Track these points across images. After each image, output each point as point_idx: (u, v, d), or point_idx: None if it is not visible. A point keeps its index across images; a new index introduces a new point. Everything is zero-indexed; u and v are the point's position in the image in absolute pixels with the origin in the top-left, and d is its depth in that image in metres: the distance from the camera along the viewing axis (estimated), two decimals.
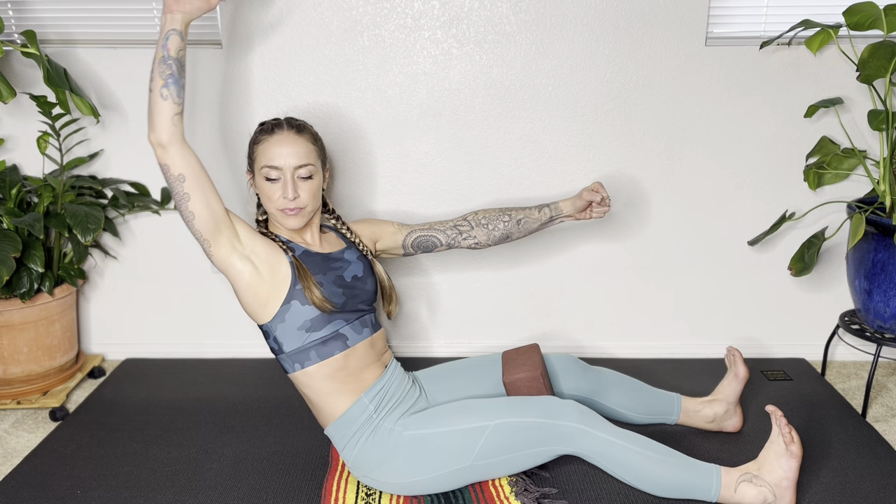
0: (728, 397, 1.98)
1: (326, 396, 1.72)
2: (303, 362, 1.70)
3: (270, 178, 1.70)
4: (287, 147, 1.70)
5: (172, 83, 1.55)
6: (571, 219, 1.95)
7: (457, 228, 1.93)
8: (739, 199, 2.36)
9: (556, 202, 1.94)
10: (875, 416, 2.14)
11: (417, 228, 1.94)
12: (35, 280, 2.11)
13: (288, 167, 1.69)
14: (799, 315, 2.47)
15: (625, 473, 1.64)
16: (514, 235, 1.95)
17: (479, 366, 1.93)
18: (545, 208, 1.94)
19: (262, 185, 1.72)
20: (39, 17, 2.24)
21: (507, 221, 1.93)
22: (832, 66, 2.24)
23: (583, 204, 1.91)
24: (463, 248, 1.96)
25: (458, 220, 1.95)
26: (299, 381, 1.73)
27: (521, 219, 1.93)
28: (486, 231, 1.93)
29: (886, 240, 2.00)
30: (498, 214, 1.93)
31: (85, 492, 1.79)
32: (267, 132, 1.73)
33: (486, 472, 1.69)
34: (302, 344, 1.69)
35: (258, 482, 1.82)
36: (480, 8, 2.19)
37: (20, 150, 2.33)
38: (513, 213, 1.94)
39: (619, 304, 2.46)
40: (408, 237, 1.93)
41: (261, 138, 1.73)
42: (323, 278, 1.70)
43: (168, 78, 1.55)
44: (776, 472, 1.62)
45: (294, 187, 1.70)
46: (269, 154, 1.70)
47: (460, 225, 1.94)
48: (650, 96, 2.26)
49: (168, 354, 2.52)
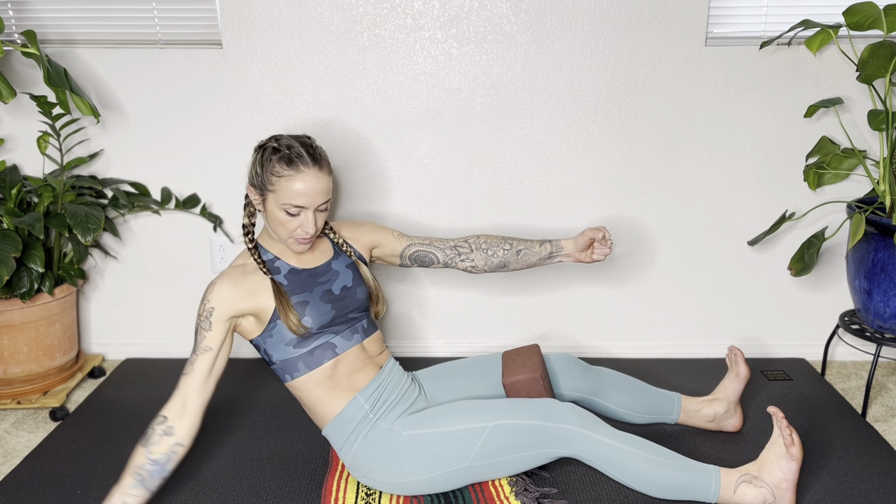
0: (729, 396, 1.98)
1: (320, 401, 1.73)
2: (292, 373, 1.72)
3: (291, 213, 1.65)
4: (312, 186, 1.64)
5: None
6: (571, 259, 1.91)
7: (456, 249, 1.92)
8: (739, 199, 2.36)
9: (558, 240, 1.92)
10: (875, 416, 2.14)
11: (417, 241, 1.92)
12: (35, 280, 2.11)
13: (312, 206, 1.66)
14: (799, 315, 2.47)
15: (624, 476, 1.64)
16: (511, 265, 1.93)
17: (478, 366, 1.93)
18: (547, 243, 1.91)
19: (278, 215, 1.66)
20: (39, 17, 2.24)
21: (508, 250, 1.91)
22: (832, 66, 2.23)
23: (585, 242, 1.87)
24: (459, 269, 1.94)
25: (458, 240, 1.93)
26: (293, 388, 1.76)
27: (521, 249, 1.91)
28: (485, 256, 1.92)
29: (886, 240, 2.00)
30: (499, 242, 1.92)
31: (85, 492, 1.79)
32: (288, 165, 1.63)
33: (484, 472, 1.69)
34: (289, 356, 1.71)
35: (258, 482, 1.83)
36: (480, 8, 2.19)
37: (20, 150, 2.33)
38: (514, 242, 1.92)
39: (619, 304, 2.46)
40: (407, 249, 1.91)
41: (282, 172, 1.63)
42: (310, 296, 1.70)
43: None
44: (776, 473, 1.62)
45: (314, 223, 1.67)
46: (293, 192, 1.63)
47: (460, 246, 1.92)
48: (650, 96, 2.26)
49: (168, 354, 2.52)
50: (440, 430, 1.67)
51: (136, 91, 2.28)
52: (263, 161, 1.66)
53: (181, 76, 2.26)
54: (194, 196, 2.35)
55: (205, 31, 2.25)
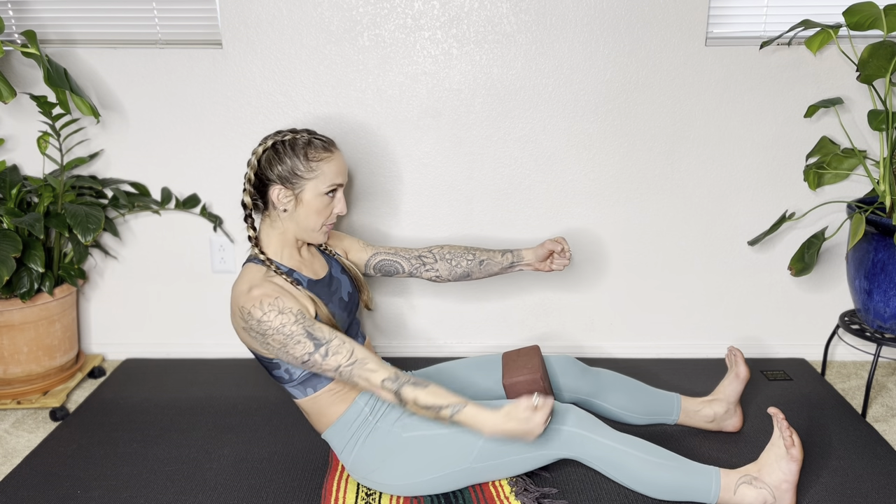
0: (728, 397, 1.98)
1: (327, 407, 1.71)
2: (315, 386, 1.69)
3: (331, 194, 1.67)
4: (344, 164, 1.70)
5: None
6: (531, 268, 1.95)
7: (421, 259, 1.93)
8: (739, 199, 2.36)
9: (519, 250, 1.95)
10: (875, 416, 2.14)
11: (383, 251, 1.93)
12: (35, 280, 2.11)
13: (345, 183, 1.71)
14: (799, 315, 2.47)
15: (623, 477, 1.64)
16: (474, 275, 1.95)
17: (478, 366, 1.93)
18: (508, 254, 1.94)
19: (317, 203, 1.65)
20: (39, 17, 2.24)
21: (471, 261, 1.93)
22: (832, 66, 2.23)
23: (544, 252, 1.92)
24: (424, 279, 1.95)
25: (423, 250, 1.94)
26: (306, 402, 1.72)
27: (483, 260, 1.93)
28: (449, 266, 1.93)
29: (886, 240, 2.00)
30: (462, 252, 1.94)
31: (85, 492, 1.79)
32: (325, 149, 1.65)
33: (484, 474, 1.69)
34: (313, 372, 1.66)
35: (258, 482, 1.83)
36: (480, 8, 2.19)
37: (20, 150, 2.33)
38: (477, 252, 1.94)
39: (619, 305, 2.46)
40: (372, 258, 1.92)
41: (322, 156, 1.64)
42: (332, 306, 1.71)
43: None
44: (776, 474, 1.62)
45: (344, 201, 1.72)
46: (336, 172, 1.66)
47: (425, 256, 1.93)
48: (650, 96, 2.26)
49: (168, 354, 2.52)
50: (440, 432, 1.67)
51: (136, 91, 2.28)
52: (296, 153, 1.63)
53: (181, 76, 2.26)
54: (194, 196, 2.35)
55: (205, 31, 2.25)
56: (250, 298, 1.57)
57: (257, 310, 1.55)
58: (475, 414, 1.54)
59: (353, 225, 2.39)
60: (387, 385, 1.55)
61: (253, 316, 1.56)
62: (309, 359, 1.56)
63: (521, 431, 1.52)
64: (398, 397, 1.55)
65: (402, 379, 1.55)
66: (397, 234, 2.39)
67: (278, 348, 1.57)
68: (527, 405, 1.51)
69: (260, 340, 1.59)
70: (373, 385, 1.56)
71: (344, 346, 1.56)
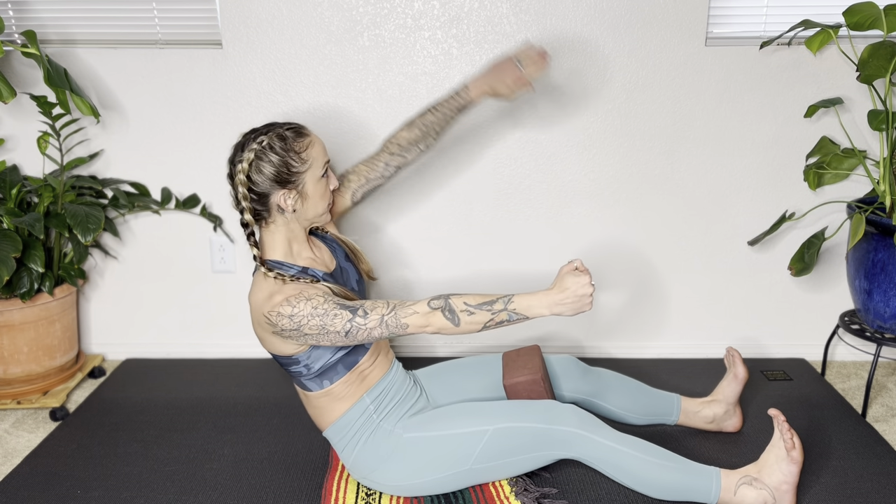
0: (727, 398, 1.98)
1: (337, 401, 1.71)
2: (332, 378, 1.68)
3: (324, 175, 1.67)
4: (320, 139, 1.69)
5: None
6: (488, 92, 1.83)
7: (386, 165, 1.89)
8: (739, 199, 2.36)
9: (465, 86, 1.85)
10: (875, 416, 2.14)
11: (354, 182, 1.89)
12: (35, 280, 2.11)
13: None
14: (799, 315, 2.47)
15: (624, 477, 1.64)
16: (431, 131, 1.89)
17: (478, 365, 1.93)
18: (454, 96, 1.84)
19: (318, 187, 1.65)
20: (39, 17, 2.24)
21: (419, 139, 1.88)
22: (832, 66, 2.23)
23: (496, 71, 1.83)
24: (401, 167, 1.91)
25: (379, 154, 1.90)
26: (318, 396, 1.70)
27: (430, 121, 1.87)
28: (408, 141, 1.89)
29: (886, 240, 2.00)
30: (407, 128, 1.88)
31: (85, 492, 1.79)
32: (303, 136, 1.63)
33: (485, 475, 1.69)
34: (331, 360, 1.65)
35: (258, 482, 1.83)
36: (480, 8, 2.19)
37: (20, 150, 2.33)
38: (417, 119, 1.88)
39: (619, 305, 2.46)
40: (352, 196, 1.89)
41: (305, 143, 1.62)
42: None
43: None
44: (776, 475, 1.62)
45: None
46: (321, 151, 1.66)
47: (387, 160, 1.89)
48: (650, 96, 2.26)
49: (168, 354, 2.52)
50: (441, 433, 1.67)
51: (136, 91, 2.28)
52: (286, 149, 1.60)
53: (181, 76, 2.26)
54: (194, 196, 2.35)
55: (205, 31, 2.25)
56: (274, 303, 1.55)
57: (286, 307, 1.54)
58: (526, 298, 1.53)
59: (353, 225, 2.39)
60: (434, 305, 1.53)
61: (283, 314, 1.54)
62: (351, 326, 1.54)
63: (574, 298, 1.52)
64: (449, 311, 1.52)
65: (443, 295, 1.54)
66: (397, 234, 2.39)
67: (317, 333, 1.55)
68: (568, 270, 1.53)
69: (295, 337, 1.56)
70: (422, 314, 1.53)
71: (377, 301, 1.56)
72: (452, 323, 1.53)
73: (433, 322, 1.53)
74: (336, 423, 1.72)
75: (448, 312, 1.52)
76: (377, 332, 1.55)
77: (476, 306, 1.52)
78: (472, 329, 1.54)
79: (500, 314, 1.52)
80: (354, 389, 1.71)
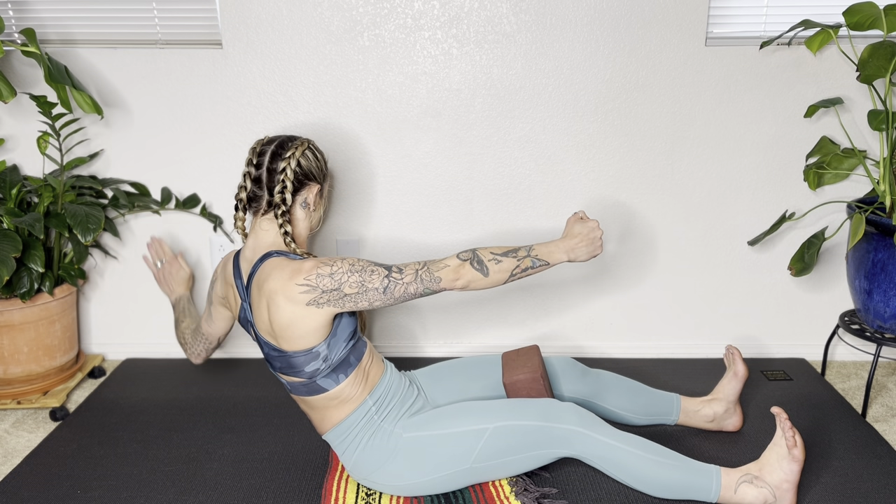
0: (728, 396, 1.98)
1: (341, 404, 1.70)
2: (346, 370, 1.68)
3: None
4: None
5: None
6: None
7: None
8: (739, 199, 2.36)
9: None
10: (875, 416, 2.15)
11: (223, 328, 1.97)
12: (35, 280, 2.11)
13: None
14: (799, 315, 2.47)
15: (624, 476, 1.64)
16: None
17: (477, 365, 1.93)
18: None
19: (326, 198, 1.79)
20: (39, 16, 2.24)
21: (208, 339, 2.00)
22: (832, 66, 2.24)
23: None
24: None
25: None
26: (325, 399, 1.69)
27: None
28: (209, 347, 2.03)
29: (886, 240, 2.00)
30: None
31: (85, 492, 1.79)
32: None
33: (485, 474, 1.69)
34: (345, 352, 1.66)
35: (258, 482, 1.82)
36: (480, 8, 2.19)
37: (20, 150, 2.33)
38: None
39: (619, 305, 2.46)
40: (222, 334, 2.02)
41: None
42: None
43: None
44: (777, 473, 1.62)
45: None
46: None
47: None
48: (650, 96, 2.26)
49: (168, 354, 2.52)
50: (441, 433, 1.67)
51: (136, 91, 2.28)
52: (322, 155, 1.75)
53: (181, 76, 2.26)
54: (194, 196, 2.35)
55: (205, 31, 2.25)
56: (308, 269, 1.57)
57: (325, 267, 1.57)
58: (545, 245, 1.65)
59: (353, 225, 2.39)
60: (463, 257, 1.61)
61: (322, 274, 1.56)
62: (389, 282, 1.58)
63: (587, 241, 1.65)
64: (478, 262, 1.60)
65: (469, 249, 1.62)
66: (397, 234, 2.39)
67: (356, 292, 1.57)
68: (575, 220, 1.68)
69: (335, 300, 1.57)
70: (453, 267, 1.60)
71: (407, 262, 1.64)
72: (482, 273, 1.60)
73: (463, 275, 1.59)
74: (339, 426, 1.72)
75: (476, 263, 1.59)
76: (412, 288, 1.59)
77: (502, 254, 1.61)
78: (500, 279, 1.61)
79: (525, 260, 1.62)
80: (360, 391, 1.71)
